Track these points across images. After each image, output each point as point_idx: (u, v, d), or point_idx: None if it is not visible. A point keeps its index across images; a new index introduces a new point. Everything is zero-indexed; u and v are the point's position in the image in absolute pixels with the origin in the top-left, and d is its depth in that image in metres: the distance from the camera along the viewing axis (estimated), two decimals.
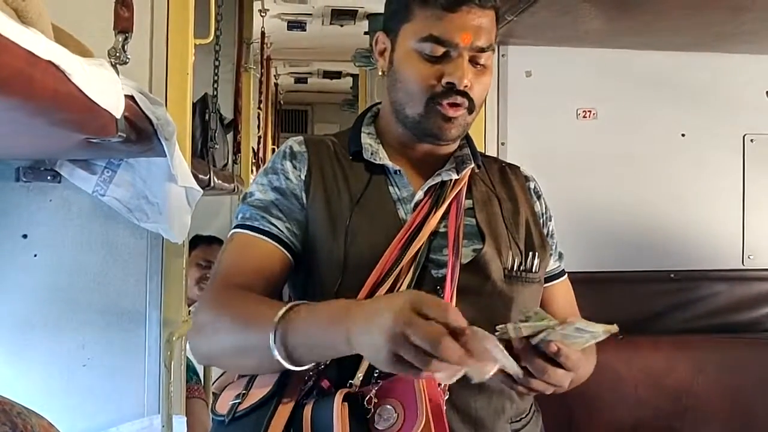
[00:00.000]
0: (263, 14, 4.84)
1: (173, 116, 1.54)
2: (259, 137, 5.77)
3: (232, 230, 1.28)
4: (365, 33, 5.38)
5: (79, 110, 1.02)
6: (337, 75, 8.38)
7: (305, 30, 5.89)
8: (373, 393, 1.07)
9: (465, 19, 1.21)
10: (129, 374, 1.76)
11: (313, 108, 10.76)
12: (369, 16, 5.32)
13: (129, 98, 1.27)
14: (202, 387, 2.60)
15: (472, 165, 1.35)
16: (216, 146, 2.94)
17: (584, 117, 2.36)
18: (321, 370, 1.13)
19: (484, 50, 1.24)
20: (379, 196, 1.29)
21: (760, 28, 2.07)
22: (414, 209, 1.27)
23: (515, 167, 1.46)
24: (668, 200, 2.39)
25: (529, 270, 1.31)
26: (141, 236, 1.77)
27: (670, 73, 2.39)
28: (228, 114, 3.58)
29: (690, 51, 2.37)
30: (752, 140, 2.42)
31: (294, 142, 1.34)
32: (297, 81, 9.06)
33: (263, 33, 5.00)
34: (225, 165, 3.34)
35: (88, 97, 1.02)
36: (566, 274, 1.45)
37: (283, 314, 1.05)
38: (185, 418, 1.82)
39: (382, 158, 1.32)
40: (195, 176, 1.82)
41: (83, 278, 1.76)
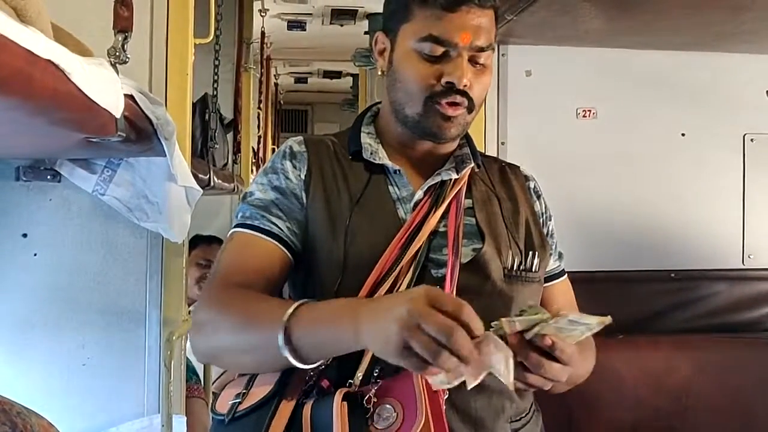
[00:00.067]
0: (263, 14, 4.84)
1: (173, 116, 1.54)
2: (259, 137, 5.77)
3: (233, 229, 1.28)
4: (365, 33, 5.38)
5: (79, 109, 1.02)
6: (337, 75, 8.38)
7: (305, 30, 5.89)
8: (373, 392, 1.07)
9: (464, 19, 1.21)
10: (129, 374, 1.76)
11: (313, 108, 10.76)
12: (369, 16, 5.32)
13: (129, 98, 1.27)
14: (202, 387, 2.60)
15: (472, 164, 1.35)
16: (216, 146, 2.94)
17: (584, 116, 2.36)
18: (321, 370, 1.13)
19: (484, 50, 1.24)
20: (379, 196, 1.29)
21: (760, 28, 2.07)
22: (414, 209, 1.27)
23: (515, 167, 1.46)
24: (668, 200, 2.39)
25: (529, 269, 1.31)
26: (141, 235, 1.77)
27: (670, 73, 2.39)
28: (228, 114, 3.58)
29: (690, 50, 2.37)
30: (752, 140, 2.41)
31: (294, 142, 1.34)
32: (297, 81, 9.06)
33: (263, 33, 5.00)
34: (225, 165, 3.34)
35: (88, 97, 1.02)
36: (566, 274, 1.45)
37: (292, 312, 1.05)
38: (185, 418, 1.82)
39: (382, 158, 1.32)
40: (195, 176, 1.82)
41: (83, 277, 1.76)
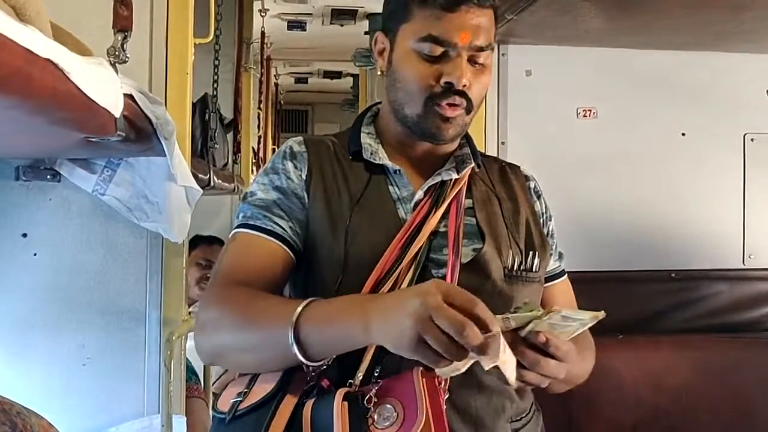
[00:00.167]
0: (263, 14, 4.84)
1: (173, 116, 1.54)
2: (259, 137, 5.77)
3: (235, 229, 1.28)
4: (365, 33, 5.38)
5: (78, 109, 1.02)
6: (338, 75, 8.37)
7: (305, 30, 5.89)
8: (373, 392, 1.07)
9: (463, 19, 1.21)
10: (129, 374, 1.76)
11: (314, 108, 10.75)
12: (369, 16, 5.32)
13: (128, 97, 1.27)
14: (202, 387, 2.60)
15: (472, 164, 1.35)
16: (216, 146, 2.94)
17: (584, 116, 2.36)
18: (322, 370, 1.13)
19: (483, 49, 1.24)
20: (379, 196, 1.29)
21: (760, 27, 2.07)
22: (414, 209, 1.27)
23: (515, 167, 1.46)
24: (668, 199, 2.38)
25: (529, 269, 1.31)
26: (141, 235, 1.77)
27: (670, 72, 2.38)
28: (228, 114, 3.58)
29: (690, 50, 2.37)
30: (752, 139, 2.41)
31: (294, 143, 1.34)
32: (297, 81, 9.06)
33: (263, 33, 4.99)
34: (225, 165, 3.34)
35: (87, 96, 1.02)
36: (566, 274, 1.45)
37: (302, 311, 1.06)
38: (185, 418, 1.82)
39: (382, 158, 1.32)
40: (195, 176, 1.82)
41: (83, 277, 1.76)
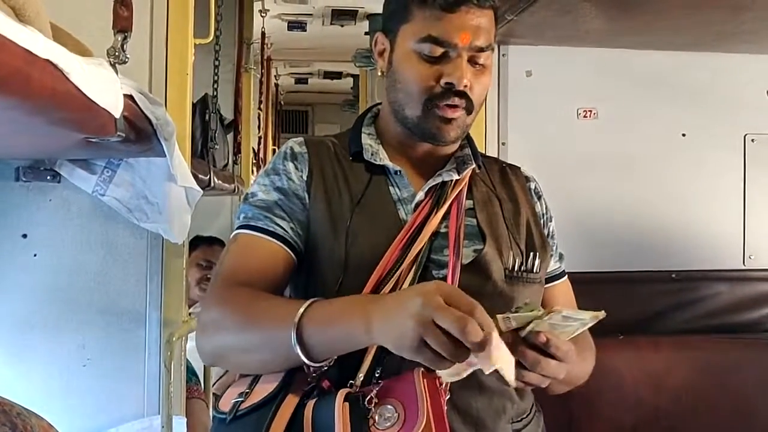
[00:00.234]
0: (263, 14, 4.84)
1: (173, 116, 1.54)
2: (260, 138, 5.77)
3: (236, 230, 1.28)
4: (366, 33, 5.37)
5: (78, 109, 1.02)
6: (338, 75, 8.37)
7: (305, 30, 5.88)
8: (374, 393, 1.07)
9: (464, 19, 1.21)
10: (129, 375, 1.76)
11: (314, 108, 10.75)
12: (369, 17, 5.32)
13: (128, 98, 1.27)
14: (202, 388, 2.60)
15: (473, 165, 1.34)
16: (216, 146, 2.94)
17: (585, 117, 2.36)
18: (323, 371, 1.13)
19: (483, 50, 1.24)
20: (380, 197, 1.29)
21: (760, 28, 2.07)
22: (415, 210, 1.27)
23: (516, 168, 1.46)
24: (669, 200, 2.38)
25: (530, 270, 1.31)
26: (141, 236, 1.77)
27: (671, 73, 2.38)
28: (228, 114, 3.58)
29: (690, 50, 2.36)
30: (753, 140, 2.41)
31: (294, 143, 1.34)
32: (297, 81, 9.05)
33: (263, 33, 4.99)
34: (225, 165, 3.33)
35: (87, 97, 1.02)
36: (566, 275, 1.45)
37: (304, 311, 1.06)
38: (185, 419, 1.82)
39: (383, 159, 1.32)
40: (195, 176, 1.82)
41: (83, 278, 1.76)
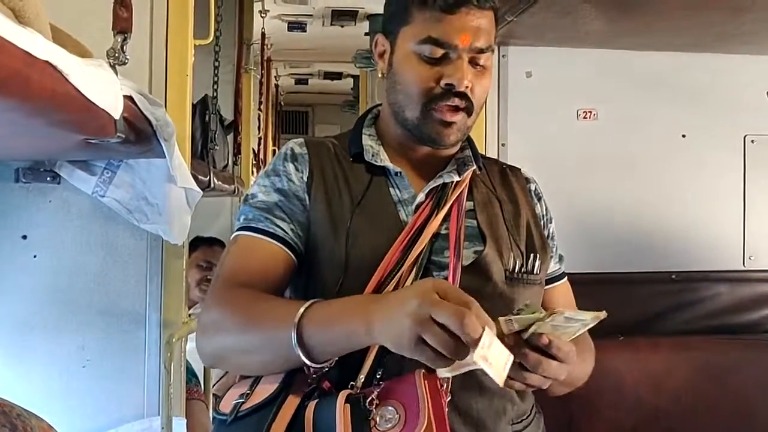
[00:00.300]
0: (263, 15, 4.84)
1: (173, 117, 1.54)
2: (260, 138, 5.77)
3: (236, 232, 1.28)
4: (366, 34, 5.37)
5: (78, 111, 1.02)
6: (338, 76, 8.37)
7: (305, 31, 5.88)
8: (375, 394, 1.07)
9: (464, 21, 1.21)
10: (129, 376, 1.76)
11: (314, 109, 10.75)
12: (369, 17, 5.32)
13: (128, 99, 1.27)
14: (202, 389, 2.60)
15: (474, 167, 1.34)
16: (216, 147, 2.94)
17: (585, 118, 2.36)
18: (324, 372, 1.13)
19: (484, 51, 1.24)
20: (380, 198, 1.29)
21: (760, 29, 2.07)
22: (415, 211, 1.27)
23: (516, 169, 1.46)
24: (669, 201, 2.38)
25: (530, 272, 1.31)
26: (141, 237, 1.77)
27: (671, 74, 2.38)
28: (228, 115, 3.58)
29: (690, 52, 2.36)
30: (753, 141, 2.41)
31: (295, 144, 1.34)
32: (297, 82, 9.06)
33: (263, 34, 4.99)
34: (225, 166, 3.33)
35: (87, 98, 1.02)
36: (566, 276, 1.45)
37: (304, 312, 1.06)
38: (185, 420, 1.82)
39: (383, 160, 1.32)
40: (195, 177, 1.82)
41: (83, 279, 1.76)
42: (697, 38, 2.22)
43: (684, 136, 2.40)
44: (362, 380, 1.11)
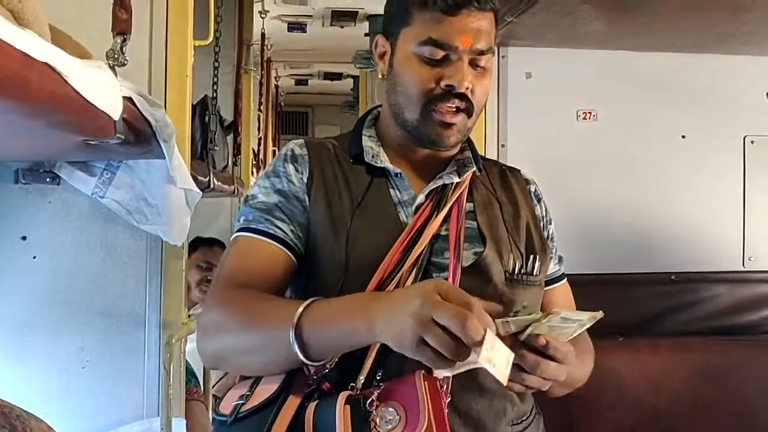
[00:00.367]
0: (263, 16, 4.84)
1: (172, 118, 1.54)
2: (260, 139, 5.77)
3: (236, 233, 1.28)
4: (366, 34, 5.37)
5: (77, 112, 1.02)
6: (338, 77, 8.36)
7: (305, 31, 5.88)
8: (375, 395, 1.07)
9: (464, 22, 1.21)
10: (128, 376, 1.76)
11: (314, 110, 10.75)
12: (369, 18, 5.32)
13: (127, 100, 1.27)
14: (201, 390, 2.60)
15: (474, 168, 1.34)
16: (216, 148, 2.94)
17: (584, 119, 2.36)
18: (324, 373, 1.13)
19: (484, 53, 1.24)
20: (380, 199, 1.29)
21: (761, 29, 2.07)
22: (415, 212, 1.27)
23: (516, 170, 1.46)
24: (668, 202, 2.38)
25: (530, 273, 1.31)
26: (140, 238, 1.77)
27: (671, 75, 2.38)
28: (228, 116, 3.58)
29: (690, 52, 2.36)
30: (752, 142, 2.41)
31: (295, 145, 1.34)
32: (297, 83, 9.06)
33: (263, 34, 4.99)
34: (225, 167, 3.33)
35: (86, 99, 1.02)
36: (565, 278, 1.45)
37: (303, 310, 1.06)
38: (185, 421, 1.82)
39: (383, 161, 1.32)
40: (194, 178, 1.82)
41: (82, 280, 1.76)
42: (697, 39, 2.22)
43: (684, 137, 2.40)
44: (362, 381, 1.12)
